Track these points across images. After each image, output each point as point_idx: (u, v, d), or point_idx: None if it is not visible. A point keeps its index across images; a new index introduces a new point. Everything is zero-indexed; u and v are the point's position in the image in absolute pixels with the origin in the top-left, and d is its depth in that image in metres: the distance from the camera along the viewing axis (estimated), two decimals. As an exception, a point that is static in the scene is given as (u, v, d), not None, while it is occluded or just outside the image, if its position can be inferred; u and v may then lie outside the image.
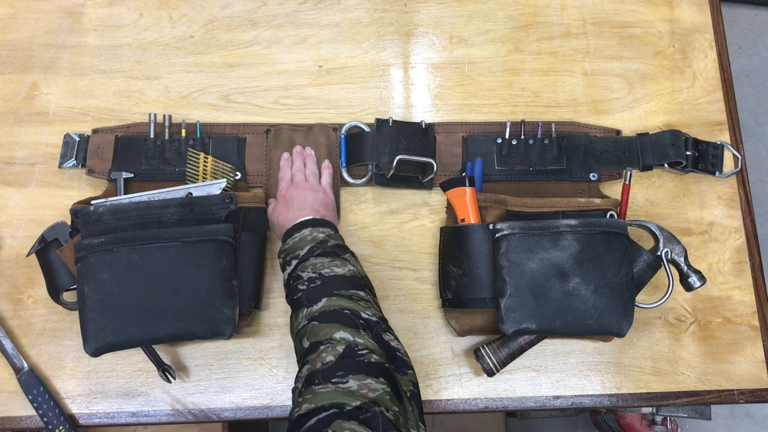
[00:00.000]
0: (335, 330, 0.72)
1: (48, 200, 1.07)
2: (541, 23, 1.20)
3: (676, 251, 0.98)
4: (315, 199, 0.97)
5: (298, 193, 0.98)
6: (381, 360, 0.70)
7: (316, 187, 1.01)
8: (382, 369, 0.68)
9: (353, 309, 0.76)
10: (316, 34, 1.18)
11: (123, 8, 1.19)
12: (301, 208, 0.94)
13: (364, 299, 0.79)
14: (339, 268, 0.82)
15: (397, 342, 0.75)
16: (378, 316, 0.77)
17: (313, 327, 0.74)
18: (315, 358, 0.70)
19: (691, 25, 1.21)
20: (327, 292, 0.78)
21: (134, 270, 0.92)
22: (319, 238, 0.87)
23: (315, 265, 0.83)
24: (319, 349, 0.70)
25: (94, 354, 0.91)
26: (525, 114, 1.14)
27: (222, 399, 0.99)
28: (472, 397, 1.01)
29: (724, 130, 1.15)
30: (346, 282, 0.80)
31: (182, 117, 1.11)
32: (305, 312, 0.77)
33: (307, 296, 0.79)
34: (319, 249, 0.85)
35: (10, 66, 1.15)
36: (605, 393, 1.02)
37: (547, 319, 0.91)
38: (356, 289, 0.80)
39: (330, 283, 0.79)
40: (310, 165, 1.05)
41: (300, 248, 0.86)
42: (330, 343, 0.70)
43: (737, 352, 1.04)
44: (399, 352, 0.74)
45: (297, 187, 0.99)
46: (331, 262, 0.83)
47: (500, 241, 0.94)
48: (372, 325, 0.75)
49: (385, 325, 0.77)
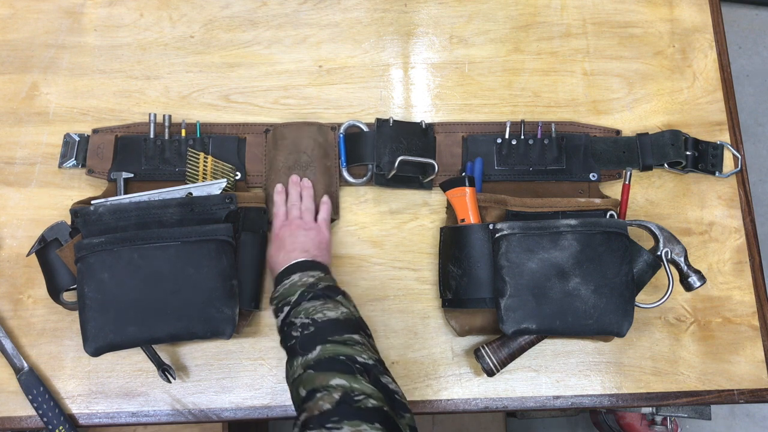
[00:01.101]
0: (331, 377, 0.71)
1: (48, 200, 1.07)
2: (541, 23, 1.20)
3: (676, 251, 0.98)
4: (307, 240, 0.95)
5: (290, 233, 0.96)
6: (379, 404, 0.68)
7: (310, 225, 0.99)
8: (380, 413, 0.67)
9: (349, 354, 0.75)
10: (316, 34, 1.18)
11: (123, 8, 1.19)
12: (292, 251, 0.93)
13: (359, 343, 0.77)
14: (331, 311, 0.81)
15: (395, 384, 0.74)
16: (374, 358, 0.76)
17: (309, 375, 0.73)
18: (312, 406, 0.69)
19: (691, 25, 1.21)
20: (321, 339, 0.77)
21: (134, 270, 0.92)
22: (309, 282, 0.86)
23: (307, 309, 0.81)
24: (315, 397, 0.69)
25: (94, 354, 0.91)
26: (525, 114, 1.14)
27: (222, 399, 0.99)
28: (472, 397, 1.01)
29: (724, 130, 1.15)
30: (339, 326, 0.79)
31: (182, 117, 1.11)
32: (300, 361, 0.76)
33: (301, 344, 0.78)
34: (310, 293, 0.84)
35: (10, 66, 1.15)
36: (605, 393, 1.02)
37: (547, 319, 0.91)
38: (351, 332, 0.79)
39: (324, 329, 0.78)
40: (306, 200, 1.02)
41: (291, 294, 0.85)
42: (327, 391, 0.70)
43: (737, 352, 1.04)
44: (397, 395, 0.73)
45: (290, 226, 0.98)
46: (323, 305, 0.82)
47: (500, 241, 0.94)
48: (369, 368, 0.74)
49: (383, 367, 0.76)
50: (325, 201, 1.04)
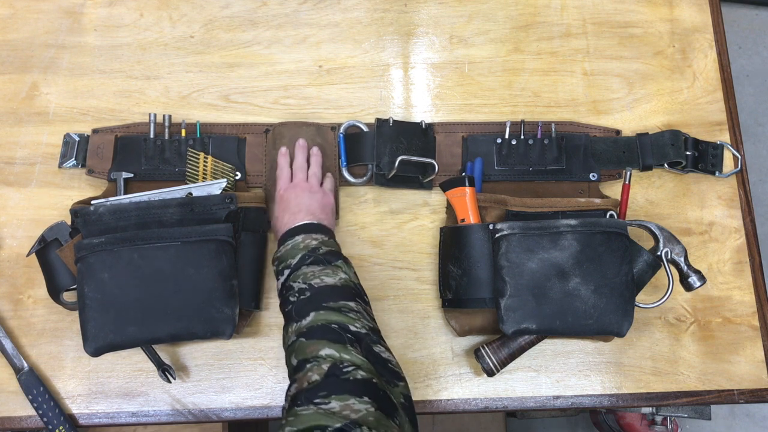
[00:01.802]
0: (322, 347, 0.71)
1: (48, 200, 1.07)
2: (541, 23, 1.20)
3: (676, 251, 0.98)
4: (312, 202, 0.95)
5: (296, 195, 0.96)
6: (368, 375, 0.68)
7: (315, 188, 0.98)
8: (368, 386, 0.67)
9: (341, 323, 0.74)
10: (316, 34, 1.18)
11: (123, 8, 1.19)
12: (297, 212, 0.93)
13: (354, 310, 0.77)
14: (329, 277, 0.81)
15: (388, 353, 0.74)
16: (368, 327, 0.76)
17: (301, 344, 0.73)
18: (302, 377, 0.69)
19: (691, 25, 1.21)
20: (316, 305, 0.77)
21: (134, 270, 0.92)
22: (311, 246, 0.85)
23: (306, 274, 0.81)
24: (305, 368, 0.69)
25: (94, 354, 0.91)
26: (525, 114, 1.14)
27: (222, 399, 0.99)
28: (472, 397, 1.01)
29: (724, 130, 1.15)
30: (336, 292, 0.79)
31: (182, 117, 1.11)
32: (294, 327, 0.76)
33: (296, 310, 0.78)
34: (310, 257, 0.83)
35: (10, 66, 1.15)
36: (605, 393, 1.02)
37: (547, 319, 0.91)
38: (346, 299, 0.78)
39: (319, 295, 0.78)
40: (314, 166, 1.02)
41: (292, 257, 0.85)
42: (316, 361, 0.69)
43: (737, 352, 1.04)
44: (390, 363, 0.73)
45: (295, 188, 0.97)
46: (322, 270, 0.81)
47: (500, 241, 0.94)
48: (361, 337, 0.73)
49: (376, 336, 0.76)
50: (329, 176, 1.05)
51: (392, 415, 0.66)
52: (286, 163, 1.03)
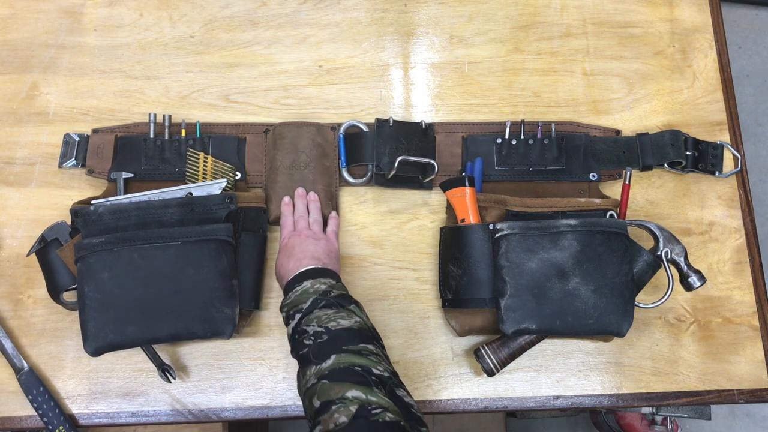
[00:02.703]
0: (347, 389, 0.69)
1: (48, 200, 1.07)
2: (541, 23, 1.20)
3: (676, 251, 0.98)
4: (317, 248, 0.94)
5: (300, 242, 0.95)
6: (396, 418, 0.67)
7: (319, 235, 0.98)
8: (397, 427, 0.66)
9: (364, 365, 0.73)
10: (316, 34, 1.18)
11: (123, 8, 1.19)
12: (302, 258, 0.91)
13: (374, 353, 0.76)
14: (345, 320, 0.80)
15: (410, 398, 0.73)
16: (390, 370, 0.75)
17: (323, 386, 0.71)
18: (327, 419, 0.67)
19: (691, 25, 1.21)
20: (335, 348, 0.75)
21: (134, 270, 0.92)
22: (321, 290, 0.84)
23: (320, 318, 0.80)
24: (331, 410, 0.68)
25: (94, 354, 0.91)
26: (525, 114, 1.14)
27: (222, 399, 0.99)
28: (472, 397, 1.01)
29: (724, 130, 1.15)
30: (354, 335, 0.78)
31: (182, 117, 1.11)
32: (314, 369, 0.74)
33: (314, 353, 0.76)
34: (323, 301, 0.82)
35: (10, 66, 1.15)
36: (605, 393, 1.02)
37: (547, 319, 0.91)
38: (365, 342, 0.77)
39: (338, 338, 0.77)
40: (314, 212, 1.02)
41: (303, 301, 0.83)
42: (342, 403, 0.68)
43: (737, 352, 1.04)
44: (413, 409, 0.72)
45: (299, 236, 0.96)
46: (336, 314, 0.80)
47: (500, 241, 0.94)
48: (385, 381, 0.72)
49: (397, 380, 0.75)
50: (333, 215, 1.04)
51: None
52: (289, 213, 1.02)
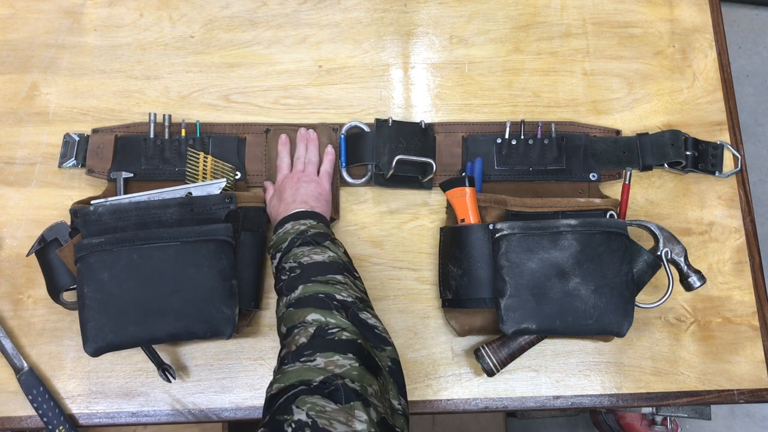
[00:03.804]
0: (308, 313, 0.74)
1: (48, 200, 1.07)
2: (541, 23, 1.20)
3: (676, 251, 0.98)
4: (307, 192, 0.98)
5: (291, 186, 0.99)
6: (353, 337, 0.71)
7: (311, 177, 1.01)
8: (353, 345, 0.70)
9: (328, 292, 0.78)
10: (316, 34, 1.18)
11: (123, 8, 1.19)
12: (291, 202, 0.96)
13: (341, 282, 0.80)
14: (318, 255, 0.84)
15: (375, 320, 0.77)
16: (355, 296, 0.79)
17: (290, 313, 0.76)
18: (290, 341, 0.72)
19: (691, 25, 1.21)
20: (304, 279, 0.80)
21: (134, 270, 0.92)
22: (300, 229, 0.89)
23: (296, 254, 0.85)
24: (293, 333, 0.73)
25: (94, 354, 0.91)
26: (525, 114, 1.14)
27: (222, 399, 0.99)
28: (472, 397, 1.01)
29: (724, 130, 1.15)
30: (324, 268, 0.82)
31: (182, 117, 1.11)
32: (284, 301, 0.80)
33: (286, 285, 0.81)
34: (299, 239, 0.87)
35: (10, 66, 1.15)
36: (605, 393, 1.02)
37: (547, 319, 0.91)
38: (333, 273, 0.82)
39: (308, 271, 0.82)
40: (311, 151, 1.06)
41: (283, 241, 0.88)
42: (303, 326, 0.73)
43: (737, 352, 1.04)
44: (377, 329, 0.76)
45: (291, 178, 1.01)
46: (311, 250, 0.85)
47: (500, 241, 0.94)
48: (348, 305, 0.76)
49: (363, 304, 0.79)
50: (329, 152, 1.06)
51: (376, 374, 0.69)
52: (286, 153, 1.06)
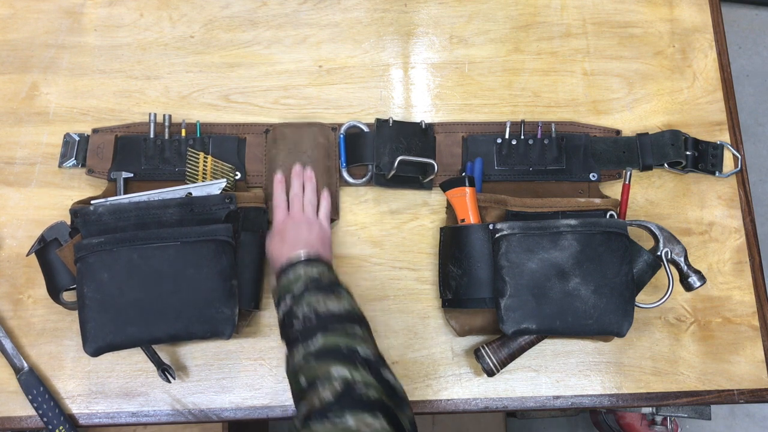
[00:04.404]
0: (332, 366, 0.71)
1: (48, 200, 1.07)
2: (541, 23, 1.20)
3: (676, 251, 0.98)
4: (310, 234, 0.94)
5: (294, 227, 0.95)
6: (379, 396, 0.68)
7: (312, 220, 0.98)
8: (381, 405, 0.67)
9: (350, 345, 0.74)
10: (316, 34, 1.18)
11: (123, 8, 1.19)
12: (295, 245, 0.92)
13: (360, 336, 0.77)
14: (334, 304, 0.81)
15: (395, 380, 0.74)
16: (376, 353, 0.76)
17: (310, 365, 0.73)
18: (312, 396, 0.68)
19: (691, 25, 1.21)
20: (323, 329, 0.77)
21: (134, 270, 0.92)
22: (312, 275, 0.86)
23: (310, 302, 0.81)
24: (316, 386, 0.69)
25: (93, 354, 0.91)
26: (525, 114, 1.14)
27: (222, 399, 0.99)
28: (472, 397, 1.01)
29: (724, 130, 1.15)
30: (342, 318, 0.79)
31: (182, 117, 1.11)
32: (301, 350, 0.76)
33: (302, 333, 0.77)
34: (313, 286, 0.84)
35: (10, 66, 1.15)
36: (605, 393, 1.02)
37: (547, 319, 0.91)
38: (352, 324, 0.79)
39: (326, 320, 0.78)
40: (309, 192, 1.01)
41: (294, 286, 0.85)
42: (327, 380, 0.69)
43: (737, 352, 1.04)
44: (398, 391, 0.73)
45: (293, 219, 0.97)
46: (326, 298, 0.82)
47: (500, 241, 0.94)
48: (371, 362, 0.74)
49: (383, 362, 0.76)
50: (325, 196, 1.03)
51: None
52: (282, 191, 1.01)
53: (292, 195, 1.01)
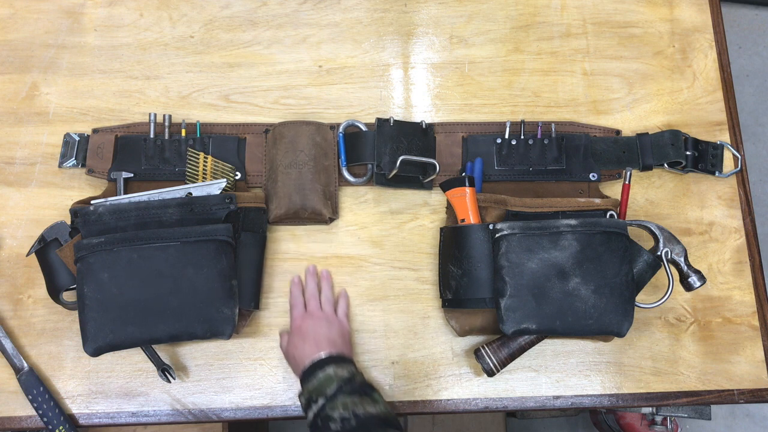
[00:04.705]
0: None
1: (48, 200, 1.07)
2: (541, 23, 1.20)
3: (676, 251, 0.98)
4: (331, 332, 0.93)
5: (314, 325, 0.94)
6: None
7: (332, 317, 0.97)
8: None
9: None
10: (316, 34, 1.18)
11: (123, 8, 1.19)
12: (318, 342, 0.91)
13: None
14: (371, 407, 0.81)
15: None
16: None
17: None
18: None
19: (691, 25, 1.21)
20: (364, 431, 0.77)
21: (134, 270, 0.92)
22: (344, 377, 0.85)
23: (346, 404, 0.81)
24: None
25: (93, 354, 0.91)
26: (525, 114, 1.14)
27: (222, 399, 0.99)
28: (472, 397, 1.01)
29: (724, 130, 1.15)
30: (381, 422, 0.79)
31: (182, 117, 1.11)
32: None
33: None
34: (348, 387, 0.83)
35: (10, 66, 1.15)
36: (605, 393, 1.02)
37: (547, 319, 0.91)
38: (392, 429, 0.79)
39: (366, 424, 0.78)
40: (326, 290, 1.01)
41: (327, 387, 0.84)
42: None
43: (737, 352, 1.04)
44: None
45: (312, 317, 0.96)
46: (362, 400, 0.82)
47: (500, 241, 0.94)
48: None
49: None
50: (343, 295, 1.03)
51: None
52: (299, 292, 1.01)
53: (307, 295, 1.00)
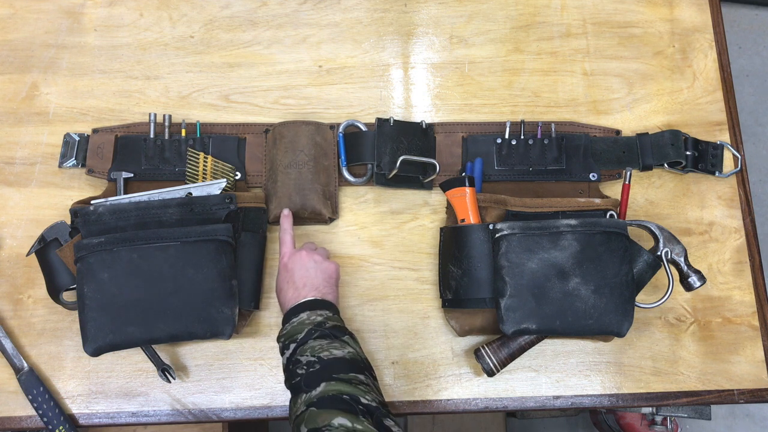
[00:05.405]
0: (334, 416, 0.71)
1: (48, 200, 1.07)
2: (541, 23, 1.20)
3: (676, 251, 0.98)
4: (316, 274, 0.93)
5: (301, 265, 0.93)
6: None
7: (319, 258, 0.95)
8: None
9: (352, 394, 0.75)
10: (316, 34, 1.18)
11: (123, 8, 1.19)
12: (302, 287, 0.91)
13: (363, 383, 0.78)
14: (338, 350, 0.81)
15: (398, 428, 0.74)
16: (378, 400, 0.76)
17: (312, 413, 0.73)
18: None
19: (691, 25, 1.21)
20: (326, 376, 0.77)
21: (134, 270, 0.92)
22: (317, 321, 0.85)
23: (314, 348, 0.81)
24: None
25: (93, 354, 0.91)
26: (525, 114, 1.14)
27: (222, 399, 0.99)
28: (472, 397, 1.01)
29: (724, 130, 1.15)
30: (345, 365, 0.79)
31: (182, 117, 1.11)
32: (304, 398, 0.76)
33: (305, 381, 0.78)
34: (317, 331, 0.83)
35: (10, 66, 1.15)
36: (605, 393, 1.02)
37: (547, 319, 0.91)
38: (356, 372, 0.79)
39: (329, 367, 0.78)
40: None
41: (298, 332, 0.84)
42: (328, 430, 0.70)
43: (737, 352, 1.04)
44: None
45: (300, 257, 0.94)
46: (329, 344, 0.82)
47: (500, 241, 0.94)
48: (372, 410, 0.74)
49: (386, 410, 0.76)
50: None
51: None
52: (289, 226, 1.00)
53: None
